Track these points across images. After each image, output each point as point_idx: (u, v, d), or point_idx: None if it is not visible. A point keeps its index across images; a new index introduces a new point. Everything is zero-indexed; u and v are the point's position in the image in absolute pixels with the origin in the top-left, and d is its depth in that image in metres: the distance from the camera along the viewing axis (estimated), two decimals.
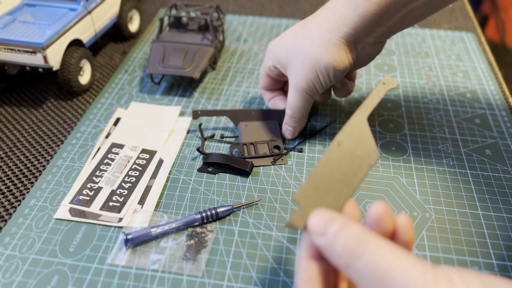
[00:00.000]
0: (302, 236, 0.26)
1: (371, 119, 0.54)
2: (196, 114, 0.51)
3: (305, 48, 0.44)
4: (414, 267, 0.22)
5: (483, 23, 1.33)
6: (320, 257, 0.26)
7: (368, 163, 0.27)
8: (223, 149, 0.50)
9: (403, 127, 0.53)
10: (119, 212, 0.42)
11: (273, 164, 0.47)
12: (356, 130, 0.28)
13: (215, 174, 0.46)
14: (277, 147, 0.49)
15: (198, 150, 0.47)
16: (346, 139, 0.28)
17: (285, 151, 0.48)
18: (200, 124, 0.51)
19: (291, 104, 0.48)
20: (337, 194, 0.27)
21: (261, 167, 0.47)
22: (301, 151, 0.49)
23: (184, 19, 0.64)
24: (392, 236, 0.27)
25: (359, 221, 0.27)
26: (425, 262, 0.22)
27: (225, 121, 0.54)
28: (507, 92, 0.59)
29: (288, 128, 0.50)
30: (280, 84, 0.54)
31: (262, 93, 0.55)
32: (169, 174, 0.46)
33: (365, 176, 0.27)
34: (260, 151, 0.48)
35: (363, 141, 0.28)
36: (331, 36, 0.42)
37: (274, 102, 0.53)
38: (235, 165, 0.45)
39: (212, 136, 0.51)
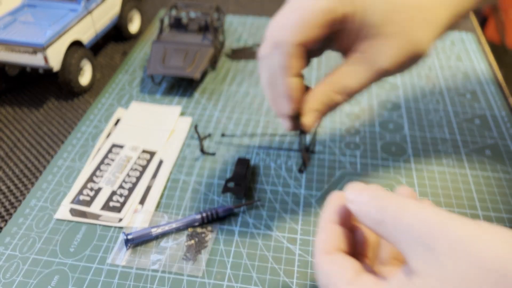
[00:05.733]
0: (326, 202, 0.28)
1: (371, 119, 0.54)
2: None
3: None
4: (447, 215, 0.22)
5: (482, 23, 1.33)
6: (341, 223, 0.27)
7: None
8: (223, 148, 0.50)
9: (403, 127, 0.53)
10: (119, 212, 0.42)
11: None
12: None
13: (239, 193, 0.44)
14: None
15: (201, 151, 0.47)
16: None
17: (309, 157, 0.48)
18: (196, 126, 0.51)
19: (350, 81, 0.32)
20: None
21: (261, 167, 0.47)
22: (313, 152, 0.49)
23: (184, 20, 0.64)
24: None
25: None
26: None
27: (225, 121, 0.54)
28: (507, 93, 0.59)
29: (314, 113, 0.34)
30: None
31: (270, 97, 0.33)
32: (170, 174, 0.47)
33: None
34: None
35: None
36: None
37: None
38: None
39: (208, 136, 0.51)
